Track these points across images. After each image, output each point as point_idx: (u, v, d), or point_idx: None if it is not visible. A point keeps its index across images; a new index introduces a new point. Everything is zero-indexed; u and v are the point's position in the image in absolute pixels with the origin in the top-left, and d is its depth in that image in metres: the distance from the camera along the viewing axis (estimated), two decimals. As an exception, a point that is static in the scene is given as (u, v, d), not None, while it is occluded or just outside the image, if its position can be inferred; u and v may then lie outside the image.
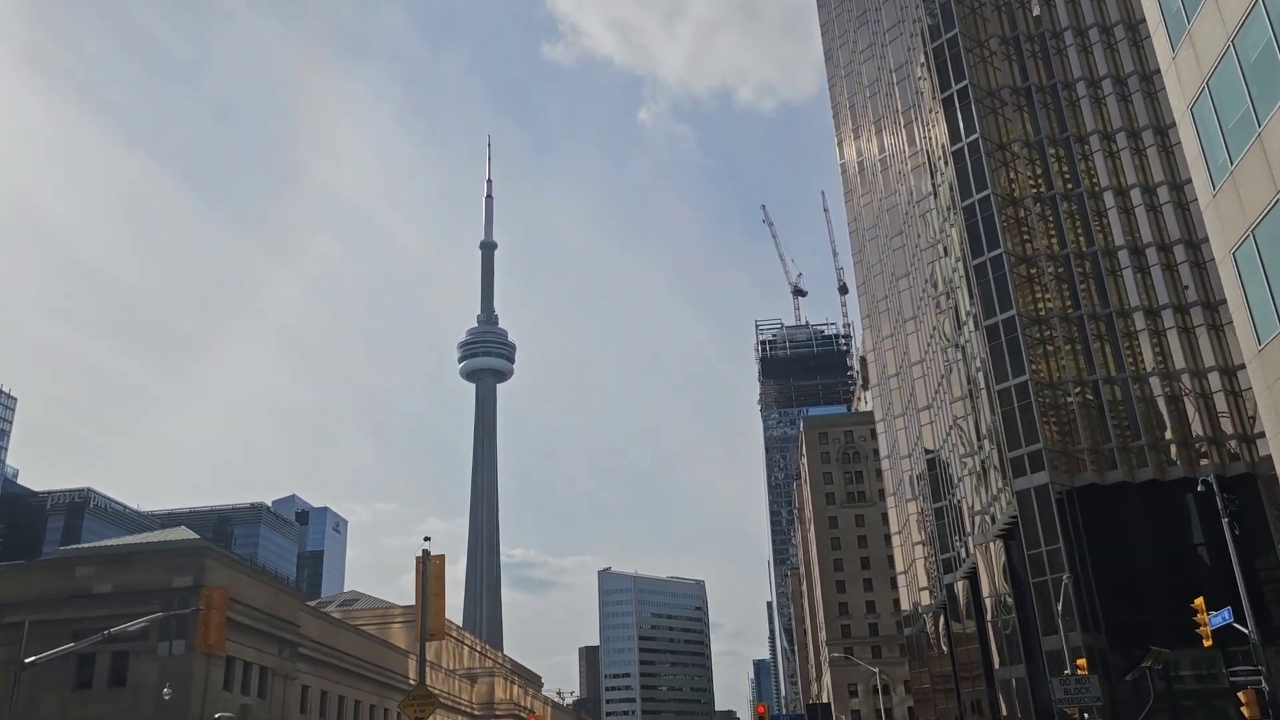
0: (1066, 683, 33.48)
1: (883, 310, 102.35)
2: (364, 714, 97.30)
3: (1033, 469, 57.85)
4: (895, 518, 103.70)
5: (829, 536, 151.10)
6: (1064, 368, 60.61)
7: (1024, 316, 60.93)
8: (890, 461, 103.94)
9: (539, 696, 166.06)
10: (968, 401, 69.82)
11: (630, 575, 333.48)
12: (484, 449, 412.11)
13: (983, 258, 62.71)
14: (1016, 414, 58.81)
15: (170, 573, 69.30)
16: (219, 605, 33.25)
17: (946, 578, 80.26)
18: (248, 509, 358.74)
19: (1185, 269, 61.56)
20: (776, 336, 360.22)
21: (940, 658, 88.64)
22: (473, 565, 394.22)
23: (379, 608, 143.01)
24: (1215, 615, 32.09)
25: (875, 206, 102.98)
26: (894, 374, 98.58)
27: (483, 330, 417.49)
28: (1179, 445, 58.03)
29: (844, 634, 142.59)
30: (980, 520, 68.27)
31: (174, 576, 69.18)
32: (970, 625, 76.66)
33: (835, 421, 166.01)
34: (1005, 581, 64.21)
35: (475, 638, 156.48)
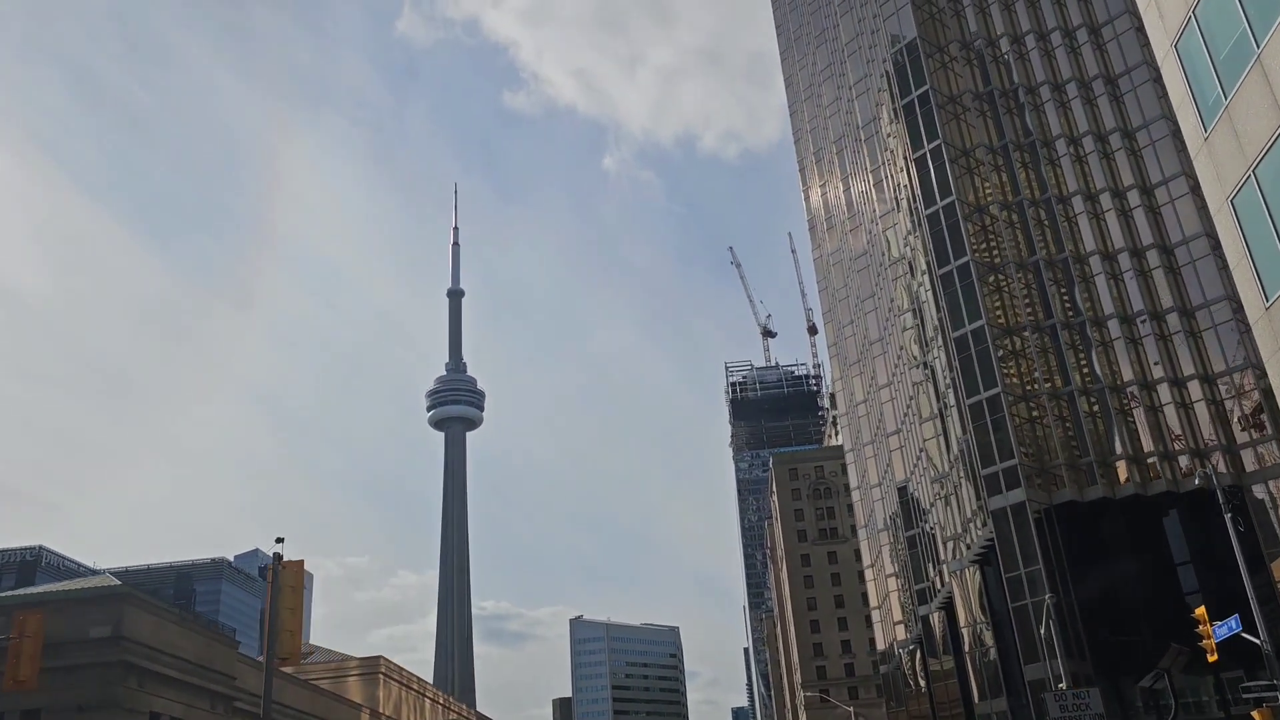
0: (1063, 699, 29.33)
1: (849, 336, 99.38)
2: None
3: (1008, 486, 54.37)
4: (867, 550, 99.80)
5: (801, 575, 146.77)
6: (1037, 380, 57.44)
7: (994, 327, 57.84)
8: (860, 492, 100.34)
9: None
10: (937, 421, 66.48)
11: (603, 623, 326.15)
12: (453, 498, 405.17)
13: (949, 266, 59.71)
14: (989, 429, 55.41)
15: (86, 622, 63.97)
16: (33, 634, 28.55)
17: (921, 610, 76.33)
18: (208, 564, 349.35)
19: (1159, 274, 58.87)
20: (746, 378, 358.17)
21: (917, 696, 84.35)
22: (443, 618, 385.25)
23: (334, 661, 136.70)
24: (1220, 625, 28.48)
25: (839, 230, 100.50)
26: (862, 400, 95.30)
27: (451, 378, 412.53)
28: (1161, 458, 54.81)
29: (819, 675, 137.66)
30: (954, 546, 64.63)
31: (90, 626, 63.86)
32: (948, 660, 72.70)
33: (805, 457, 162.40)
34: (983, 610, 60.43)
35: (438, 690, 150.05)
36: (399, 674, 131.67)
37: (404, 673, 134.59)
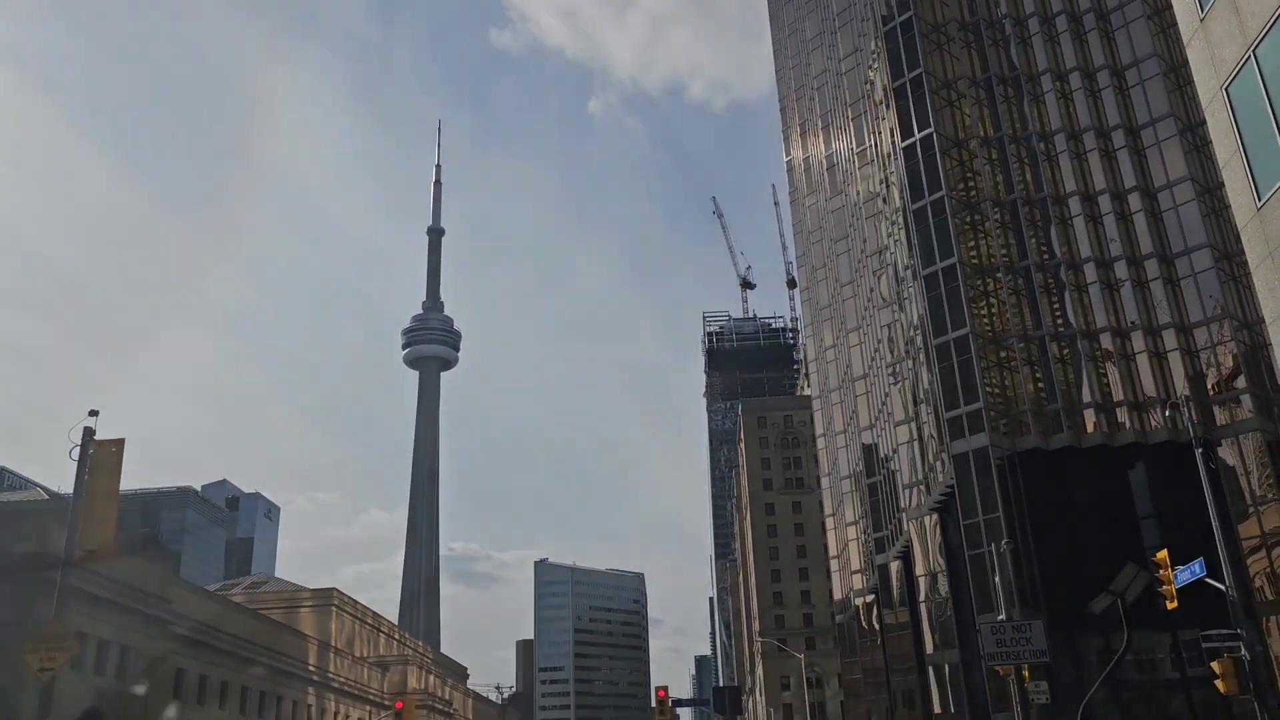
0: (1001, 631, 26.62)
1: (821, 280, 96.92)
2: (252, 700, 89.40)
3: (971, 431, 52.32)
4: (829, 499, 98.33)
5: (765, 524, 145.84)
6: (1008, 323, 55.20)
7: (966, 266, 55.41)
8: (825, 439, 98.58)
9: (459, 688, 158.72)
10: (905, 365, 64.32)
11: (568, 567, 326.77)
12: (425, 438, 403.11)
13: (923, 201, 57.06)
14: (955, 370, 53.23)
15: (10, 537, 61.25)
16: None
17: (879, 559, 74.86)
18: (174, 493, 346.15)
19: (1140, 219, 56.52)
20: (724, 329, 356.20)
21: (872, 647, 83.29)
22: (411, 557, 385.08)
23: (287, 591, 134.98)
24: (1183, 569, 26.35)
25: (817, 179, 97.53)
26: (831, 345, 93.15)
27: (428, 317, 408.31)
28: (1131, 408, 52.87)
29: (778, 624, 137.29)
30: (915, 493, 62.83)
31: (15, 541, 61.16)
32: (904, 611, 71.38)
33: (774, 406, 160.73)
34: (940, 558, 58.80)
35: (394, 625, 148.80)
36: (353, 607, 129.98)
37: (358, 606, 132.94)
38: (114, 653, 67.07)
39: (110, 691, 66.40)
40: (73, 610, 63.18)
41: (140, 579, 70.81)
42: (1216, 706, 52.21)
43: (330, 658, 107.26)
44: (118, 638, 67.24)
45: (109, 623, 66.28)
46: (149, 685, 71.53)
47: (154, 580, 73.52)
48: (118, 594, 66.89)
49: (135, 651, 69.31)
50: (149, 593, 71.39)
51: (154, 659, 71.85)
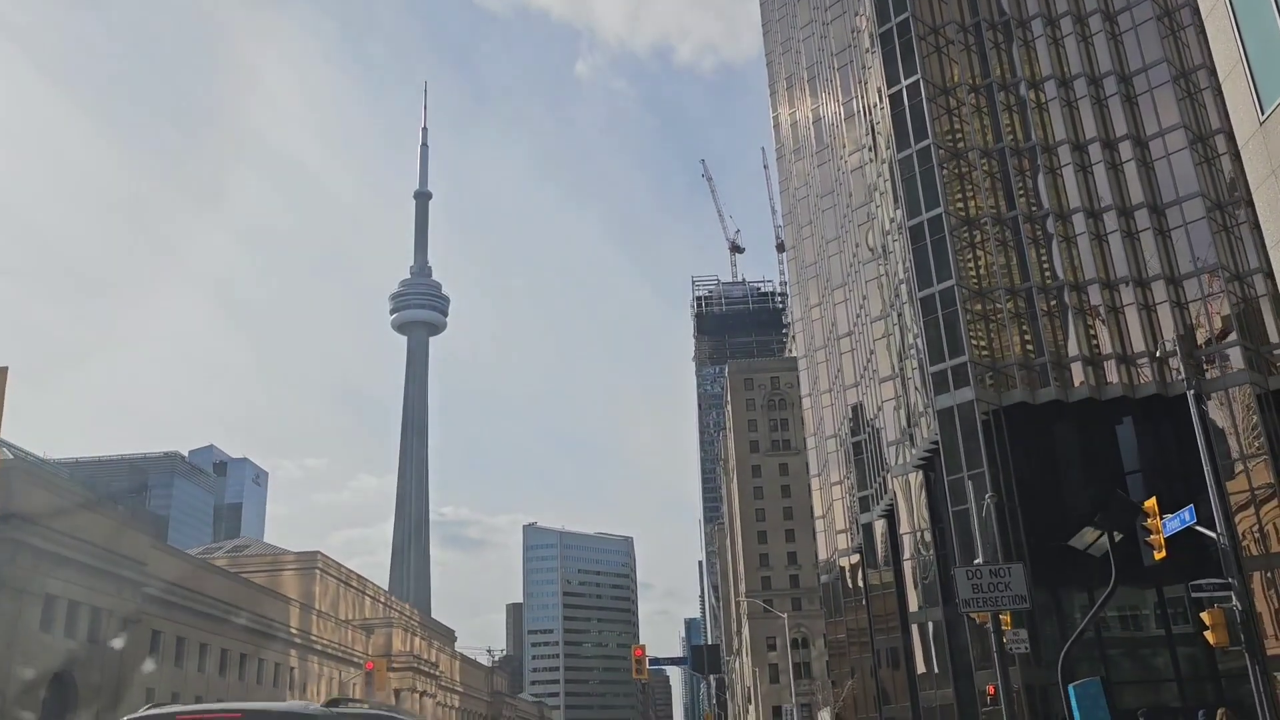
0: (977, 575, 24.13)
1: (807, 237, 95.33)
2: (232, 663, 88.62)
3: (956, 385, 51.10)
4: (815, 459, 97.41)
5: (751, 486, 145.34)
6: (995, 274, 53.83)
7: (953, 217, 53.92)
8: (811, 399, 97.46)
9: (446, 650, 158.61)
10: (890, 320, 63.02)
11: (556, 530, 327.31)
12: (414, 403, 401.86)
13: (909, 150, 55.41)
14: (941, 323, 51.90)
15: (-31, 497, 59.73)
16: None
17: (864, 518, 74.00)
18: (162, 458, 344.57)
19: (1131, 168, 55.04)
20: (713, 293, 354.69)
21: (856, 607, 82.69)
22: (401, 522, 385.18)
23: (269, 554, 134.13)
24: (1172, 517, 25.18)
25: (801, 125, 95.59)
26: (816, 304, 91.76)
27: (415, 281, 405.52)
28: (1119, 361, 51.70)
29: (764, 586, 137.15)
30: (900, 450, 61.77)
31: (-26, 502, 59.64)
32: (888, 572, 70.64)
33: (761, 367, 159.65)
34: (924, 515, 57.87)
35: (379, 588, 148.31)
36: (337, 570, 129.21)
37: (343, 569, 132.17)
38: (84, 614, 65.95)
39: (81, 653, 65.35)
40: (41, 571, 62.10)
41: (112, 541, 69.54)
42: (1201, 663, 51.66)
43: (313, 620, 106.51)
44: (88, 600, 66.10)
45: (79, 584, 65.08)
46: (124, 646, 70.53)
47: (128, 542, 72.28)
48: (88, 555, 65.63)
49: (107, 613, 68.25)
50: (121, 554, 70.17)
51: (127, 620, 70.79)
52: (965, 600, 24.28)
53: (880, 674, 74.91)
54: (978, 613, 26.59)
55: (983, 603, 24.31)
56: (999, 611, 25.73)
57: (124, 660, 70.31)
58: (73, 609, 64.47)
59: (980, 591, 24.13)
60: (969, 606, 24.72)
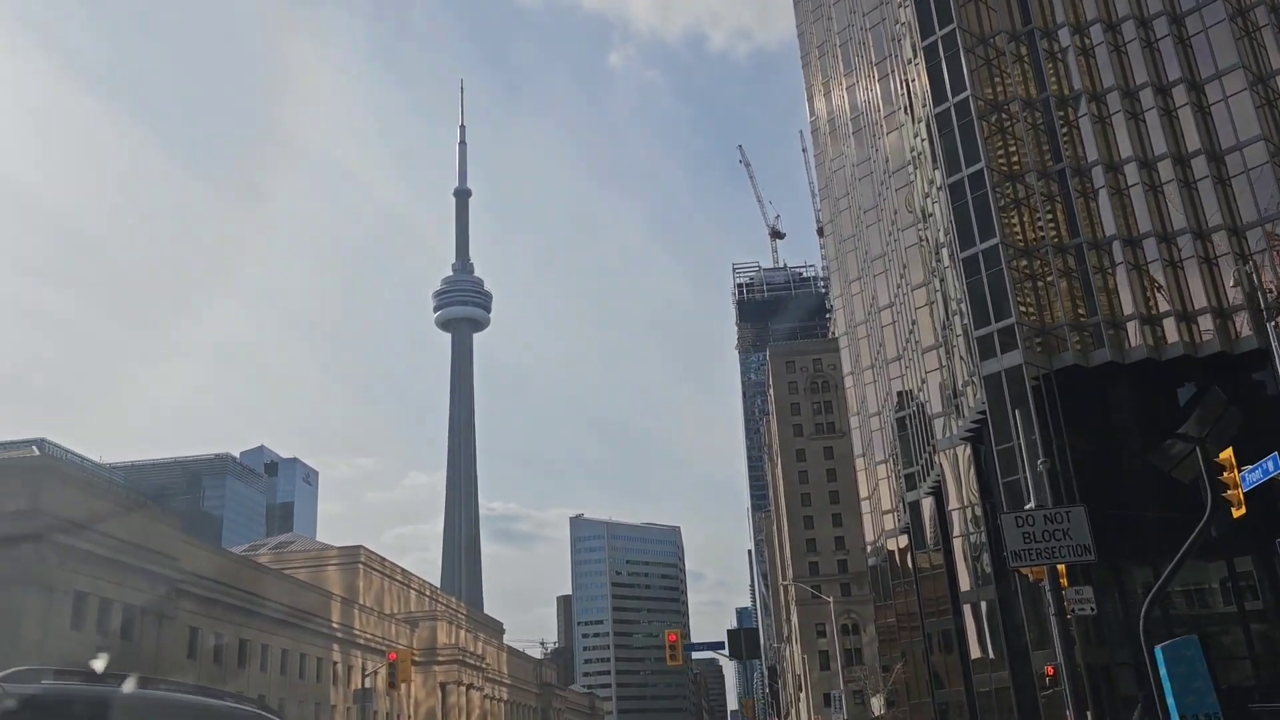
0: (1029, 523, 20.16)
1: (844, 209, 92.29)
2: (273, 660, 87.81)
3: (1003, 349, 48.11)
4: (859, 438, 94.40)
5: (796, 470, 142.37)
6: (1042, 231, 50.66)
7: (995, 172, 50.82)
8: (853, 377, 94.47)
9: (493, 643, 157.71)
10: (931, 288, 60.05)
11: (603, 522, 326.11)
12: (460, 400, 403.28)
13: (946, 104, 52.38)
14: (985, 284, 48.93)
15: (2, 493, 59.11)
16: None
17: (910, 496, 71.09)
18: (214, 460, 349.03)
19: (1186, 113, 51.50)
20: (754, 279, 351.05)
21: (906, 589, 79.81)
22: (451, 518, 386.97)
23: (313, 549, 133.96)
24: (1253, 469, 22.28)
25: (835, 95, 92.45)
26: (856, 277, 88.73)
27: (458, 279, 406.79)
28: (1178, 319, 48.31)
29: (812, 572, 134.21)
30: (945, 423, 58.83)
31: (6, 498, 59.01)
32: (937, 552, 67.76)
33: (803, 349, 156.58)
34: (974, 490, 54.96)
35: (425, 581, 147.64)
36: (380, 564, 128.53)
37: (386, 563, 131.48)
38: (117, 611, 65.19)
39: (115, 650, 64.62)
40: (69, 568, 61.39)
41: (144, 536, 68.77)
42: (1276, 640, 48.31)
43: (355, 614, 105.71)
44: (120, 596, 65.33)
45: (109, 581, 64.30)
46: (159, 643, 69.85)
47: (159, 537, 71.49)
48: (118, 551, 64.85)
49: (140, 610, 67.51)
50: (153, 550, 69.36)
51: (162, 616, 70.07)
52: (1015, 553, 20.82)
53: (932, 658, 72.08)
54: (1030, 568, 22.71)
55: (1036, 555, 20.48)
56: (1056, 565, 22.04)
57: (160, 657, 69.63)
58: (104, 606, 63.68)
59: (1033, 541, 20.40)
60: (1019, 560, 21.21)
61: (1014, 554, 20.72)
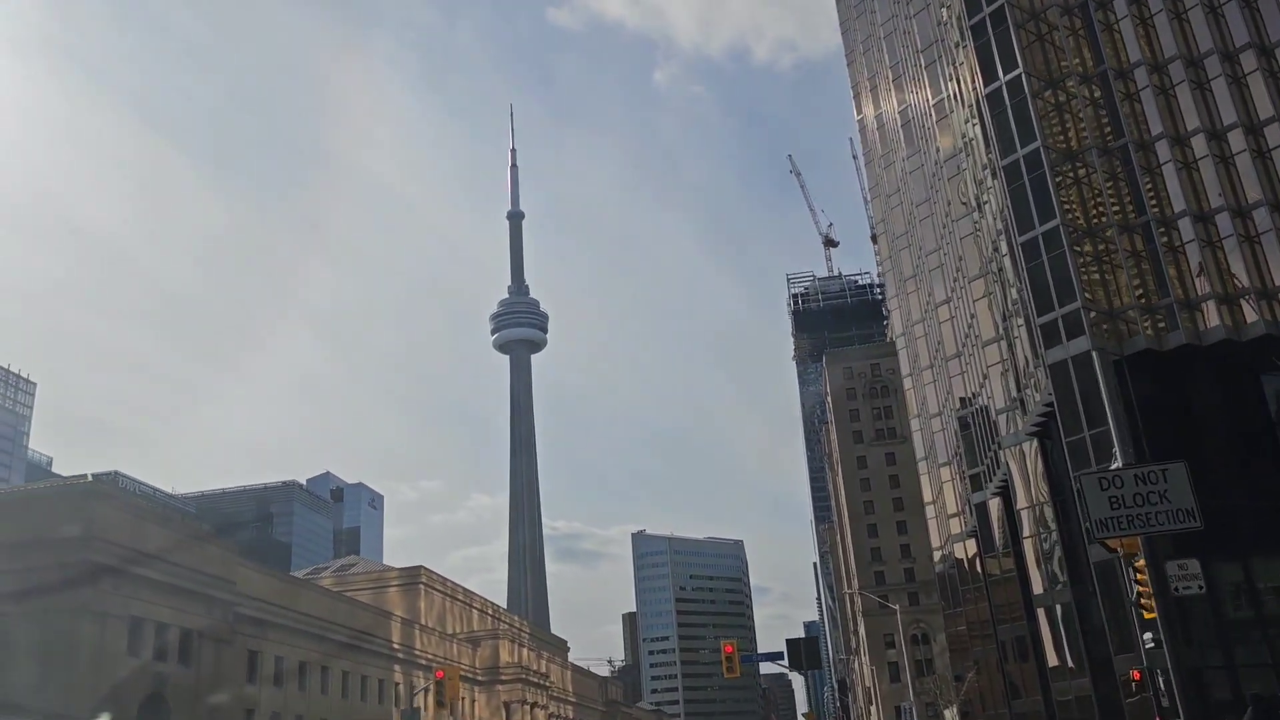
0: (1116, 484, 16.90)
1: (895, 207, 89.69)
2: (334, 681, 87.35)
3: (1069, 335, 45.48)
4: (920, 441, 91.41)
5: (858, 478, 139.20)
6: (1105, 211, 47.94)
7: (1052, 150, 48.31)
8: (912, 378, 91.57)
9: (557, 661, 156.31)
10: (989, 278, 57.50)
11: (665, 537, 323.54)
12: (520, 421, 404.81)
13: (997, 83, 50.04)
14: (1047, 268, 46.38)
15: (55, 520, 59.21)
16: None
17: (976, 497, 68.18)
18: (281, 488, 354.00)
19: (1256, 79, 48.51)
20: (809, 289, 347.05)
21: (976, 595, 76.65)
22: (515, 539, 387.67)
23: (375, 571, 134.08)
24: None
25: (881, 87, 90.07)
26: (911, 275, 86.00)
27: (514, 301, 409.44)
28: (1259, 296, 45.27)
29: (878, 581, 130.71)
30: (1010, 418, 56.13)
31: (60, 524, 59.09)
32: (1007, 556, 64.78)
33: (860, 354, 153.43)
34: (1043, 487, 52.19)
35: (487, 600, 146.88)
36: (441, 584, 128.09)
37: (447, 583, 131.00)
38: (174, 636, 64.93)
39: (173, 675, 64.33)
40: (123, 593, 61.23)
41: (200, 561, 68.54)
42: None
43: (416, 635, 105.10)
44: (176, 621, 65.07)
45: (165, 605, 64.07)
46: (217, 667, 69.51)
47: (216, 562, 71.25)
48: (173, 576, 64.62)
49: (198, 634, 67.24)
50: (209, 574, 69.08)
51: (219, 640, 69.77)
52: (1100, 522, 17.06)
53: (1007, 667, 68.88)
54: (1122, 538, 18.45)
55: (1127, 523, 16.75)
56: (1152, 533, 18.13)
57: (219, 680, 69.28)
58: (161, 630, 63.43)
59: (1122, 507, 16.76)
60: (1106, 531, 17.38)
61: (1099, 523, 17.25)
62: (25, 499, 65.50)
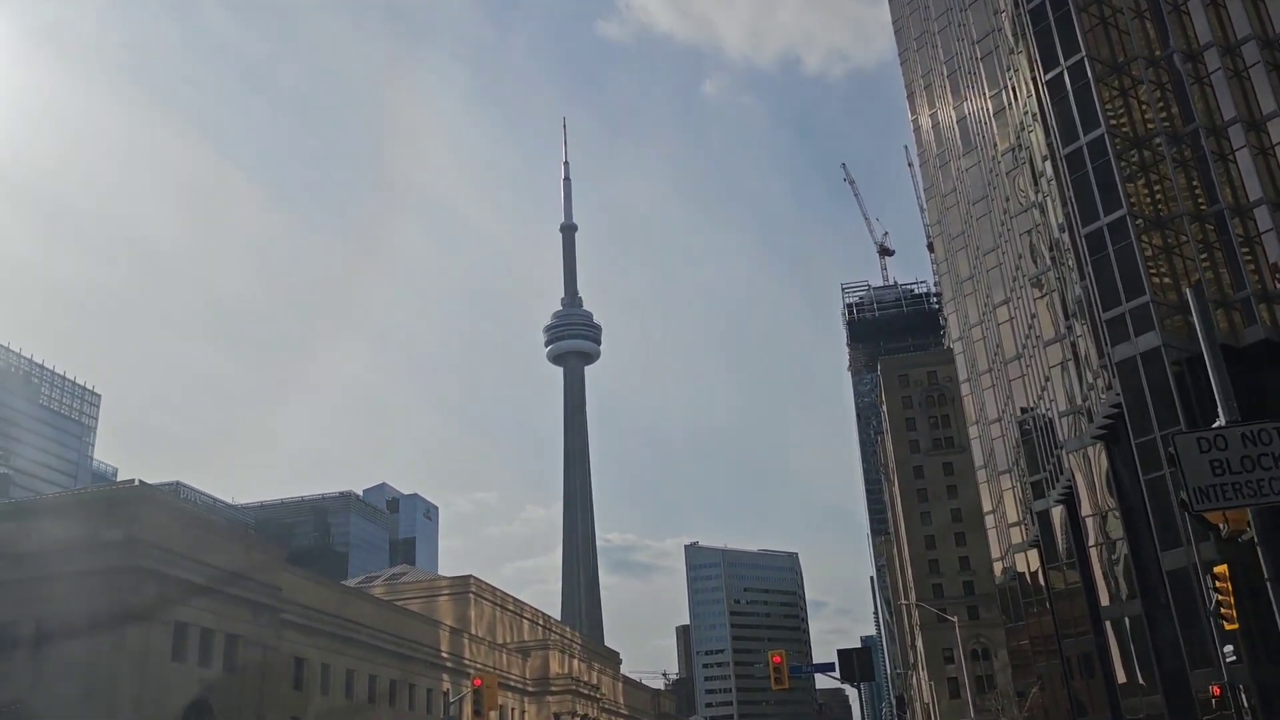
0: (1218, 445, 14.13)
1: (951, 205, 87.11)
2: (381, 689, 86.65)
3: (1138, 331, 43.01)
4: (979, 449, 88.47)
5: (915, 488, 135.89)
6: (1174, 199, 45.42)
7: (1117, 137, 45.91)
8: (970, 383, 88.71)
9: (608, 672, 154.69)
10: (1050, 275, 55.02)
11: (719, 549, 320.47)
12: (574, 433, 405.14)
13: (1059, 69, 47.78)
14: (1113, 261, 43.96)
15: (99, 525, 59.23)
16: None
17: (1038, 504, 65.38)
18: (338, 498, 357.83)
19: (1338, 59, 45.69)
20: (864, 298, 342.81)
21: (1039, 608, 73.60)
22: (569, 551, 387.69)
23: (425, 580, 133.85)
24: None
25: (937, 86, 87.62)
26: (968, 277, 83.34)
27: (567, 313, 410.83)
28: (1342, 286, 42.43)
29: (936, 594, 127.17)
30: (1073, 421, 53.54)
31: (104, 529, 59.10)
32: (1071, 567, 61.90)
33: (916, 361, 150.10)
34: (1110, 493, 49.52)
35: (538, 610, 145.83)
36: (491, 594, 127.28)
37: (497, 593, 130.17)
38: (219, 642, 64.62)
39: (218, 681, 63.98)
40: (169, 599, 60.96)
41: (246, 566, 68.23)
42: None
43: (465, 643, 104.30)
44: (221, 627, 64.76)
45: (211, 611, 63.78)
46: (264, 674, 69.10)
47: (262, 567, 70.94)
48: (218, 581, 64.34)
49: (243, 640, 66.89)
50: (254, 580, 68.75)
51: (265, 647, 69.40)
52: (1199, 490, 14.23)
53: (1073, 684, 65.83)
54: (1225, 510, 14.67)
55: (1235, 492, 13.97)
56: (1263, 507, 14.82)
57: (265, 687, 68.85)
58: (206, 636, 63.15)
59: (1228, 473, 13.88)
60: (1207, 502, 14.32)
61: (1197, 493, 14.36)
62: (73, 503, 65.74)
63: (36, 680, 55.73)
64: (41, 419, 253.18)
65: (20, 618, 57.01)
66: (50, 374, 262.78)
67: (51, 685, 55.51)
